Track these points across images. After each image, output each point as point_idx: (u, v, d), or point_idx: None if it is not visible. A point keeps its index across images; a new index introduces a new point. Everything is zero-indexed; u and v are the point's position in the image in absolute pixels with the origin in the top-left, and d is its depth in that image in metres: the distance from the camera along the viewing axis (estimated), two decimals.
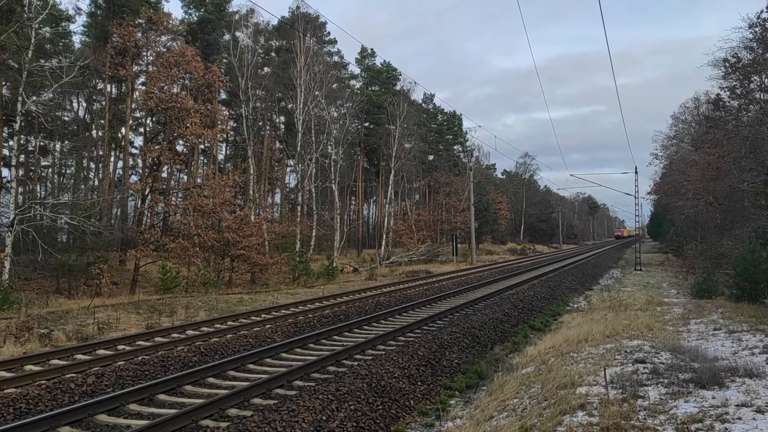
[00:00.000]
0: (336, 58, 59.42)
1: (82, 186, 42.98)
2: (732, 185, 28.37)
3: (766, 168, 25.51)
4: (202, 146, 47.74)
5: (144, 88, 38.89)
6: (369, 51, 66.47)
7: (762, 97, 29.16)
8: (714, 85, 51.75)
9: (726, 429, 6.64)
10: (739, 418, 6.99)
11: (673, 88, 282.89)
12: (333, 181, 46.29)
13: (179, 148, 42.28)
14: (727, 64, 29.11)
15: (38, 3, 26.28)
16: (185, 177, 49.61)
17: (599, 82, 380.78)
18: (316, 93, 43.76)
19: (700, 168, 34.16)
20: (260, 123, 49.47)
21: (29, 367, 11.62)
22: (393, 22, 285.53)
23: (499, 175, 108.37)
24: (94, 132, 45.15)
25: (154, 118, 42.60)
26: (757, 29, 26.54)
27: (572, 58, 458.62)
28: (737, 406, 7.48)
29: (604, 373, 8.97)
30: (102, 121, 42.78)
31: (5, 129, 35.56)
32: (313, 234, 43.54)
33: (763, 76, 28.48)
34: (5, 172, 35.55)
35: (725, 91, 30.84)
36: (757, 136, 25.46)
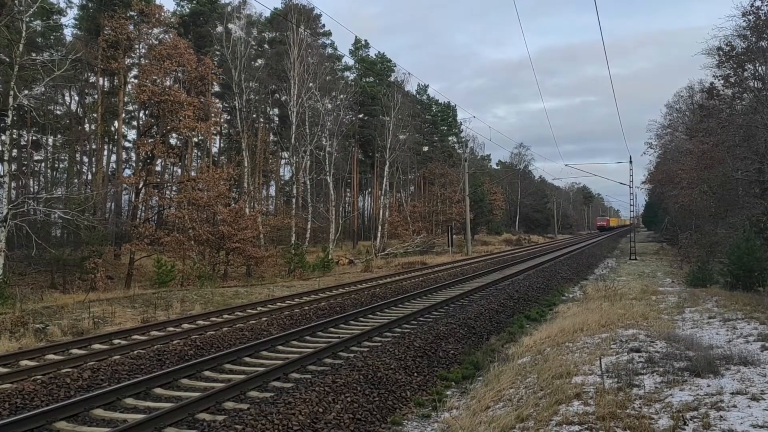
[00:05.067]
0: (330, 50, 59.25)
1: (76, 180, 42.78)
2: (726, 174, 28.43)
3: (759, 156, 25.58)
4: (195, 139, 47.60)
5: (137, 81, 38.70)
6: (363, 42, 66.27)
7: (755, 86, 29.17)
8: (708, 73, 51.78)
9: (721, 417, 6.67)
10: (734, 406, 7.02)
11: (663, 78, 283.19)
12: (328, 174, 46.21)
13: (173, 141, 42.15)
14: (720, 53, 29.09)
15: None
16: (179, 170, 49.45)
17: (589, 73, 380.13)
18: (310, 85, 43.61)
19: (695, 157, 34.20)
20: (254, 115, 49.28)
21: (24, 363, 11.58)
22: (384, 16, 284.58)
23: (494, 166, 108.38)
24: (86, 126, 44.93)
25: (147, 112, 42.41)
26: (750, 17, 26.47)
27: (562, 50, 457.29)
28: (732, 394, 7.51)
29: (600, 363, 9.00)
30: (95, 115, 42.54)
31: None
32: (309, 226, 43.52)
33: (757, 65, 28.46)
34: None
35: (719, 80, 30.80)
36: (751, 124, 25.50)
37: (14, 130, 32.32)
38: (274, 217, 47.78)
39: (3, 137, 24.98)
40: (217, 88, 49.07)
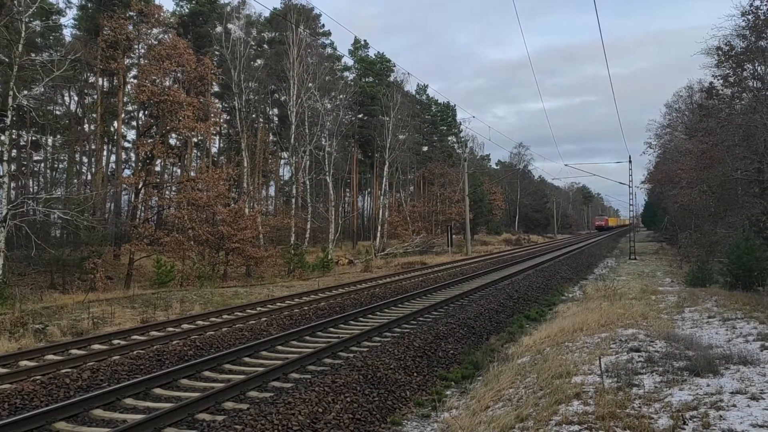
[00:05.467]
0: (329, 50, 59.23)
1: (75, 180, 42.76)
2: (725, 173, 28.42)
3: (759, 156, 25.58)
4: (195, 139, 47.59)
5: (136, 81, 38.68)
6: (362, 42, 66.26)
7: (755, 85, 29.18)
8: (707, 73, 51.79)
9: (721, 416, 6.67)
10: (734, 406, 7.02)
11: (663, 78, 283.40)
12: (327, 174, 46.20)
13: (172, 141, 42.13)
14: (720, 53, 29.10)
15: None
16: (179, 171, 49.44)
17: (588, 73, 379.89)
18: (310, 85, 43.59)
19: (694, 156, 34.20)
20: (253, 115, 49.27)
21: (24, 363, 11.58)
22: (383, 16, 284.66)
23: (494, 166, 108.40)
24: (86, 126, 44.92)
25: (146, 112, 42.41)
26: (749, 17, 26.48)
27: (561, 50, 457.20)
28: (732, 393, 7.51)
29: (599, 362, 9.00)
30: (94, 115, 42.52)
31: None
32: (308, 226, 43.50)
33: (756, 64, 28.48)
34: None
35: (718, 80, 30.79)
36: (750, 124, 25.50)
37: (14, 131, 32.29)
38: (273, 217, 47.77)
39: (2, 137, 24.94)
40: (216, 88, 49.05)
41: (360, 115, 63.90)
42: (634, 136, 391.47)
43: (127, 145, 48.63)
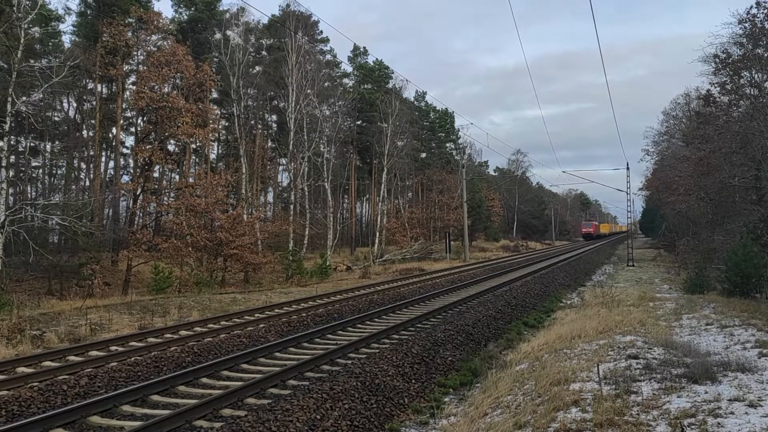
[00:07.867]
0: (328, 57, 59.37)
1: (73, 186, 42.78)
2: (723, 180, 28.48)
3: (756, 163, 25.65)
4: (193, 146, 47.61)
5: (135, 87, 38.72)
6: (361, 49, 66.42)
7: (752, 93, 29.29)
8: (704, 80, 51.97)
9: (719, 423, 6.67)
10: (732, 413, 7.03)
11: (660, 85, 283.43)
12: (326, 180, 46.22)
13: (171, 147, 42.22)
14: (717, 60, 29.22)
15: (27, 3, 26.09)
16: (177, 177, 49.45)
17: (585, 80, 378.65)
18: (308, 91, 43.66)
19: (692, 164, 34.28)
20: (252, 122, 49.35)
21: (21, 369, 11.54)
22: (380, 23, 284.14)
23: (492, 173, 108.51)
24: (84, 132, 44.95)
25: (145, 118, 42.38)
26: (746, 25, 26.62)
27: (557, 57, 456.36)
28: (729, 400, 7.52)
29: (598, 369, 9.00)
30: (93, 121, 42.56)
31: None
32: (306, 233, 43.47)
33: (753, 72, 28.61)
34: None
35: (715, 87, 30.89)
36: (748, 131, 25.59)
37: (12, 137, 32.30)
38: (272, 223, 47.71)
39: (1, 143, 24.95)
40: (215, 95, 49.12)
41: (358, 122, 63.96)
42: (632, 142, 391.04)
43: (125, 151, 48.68)
